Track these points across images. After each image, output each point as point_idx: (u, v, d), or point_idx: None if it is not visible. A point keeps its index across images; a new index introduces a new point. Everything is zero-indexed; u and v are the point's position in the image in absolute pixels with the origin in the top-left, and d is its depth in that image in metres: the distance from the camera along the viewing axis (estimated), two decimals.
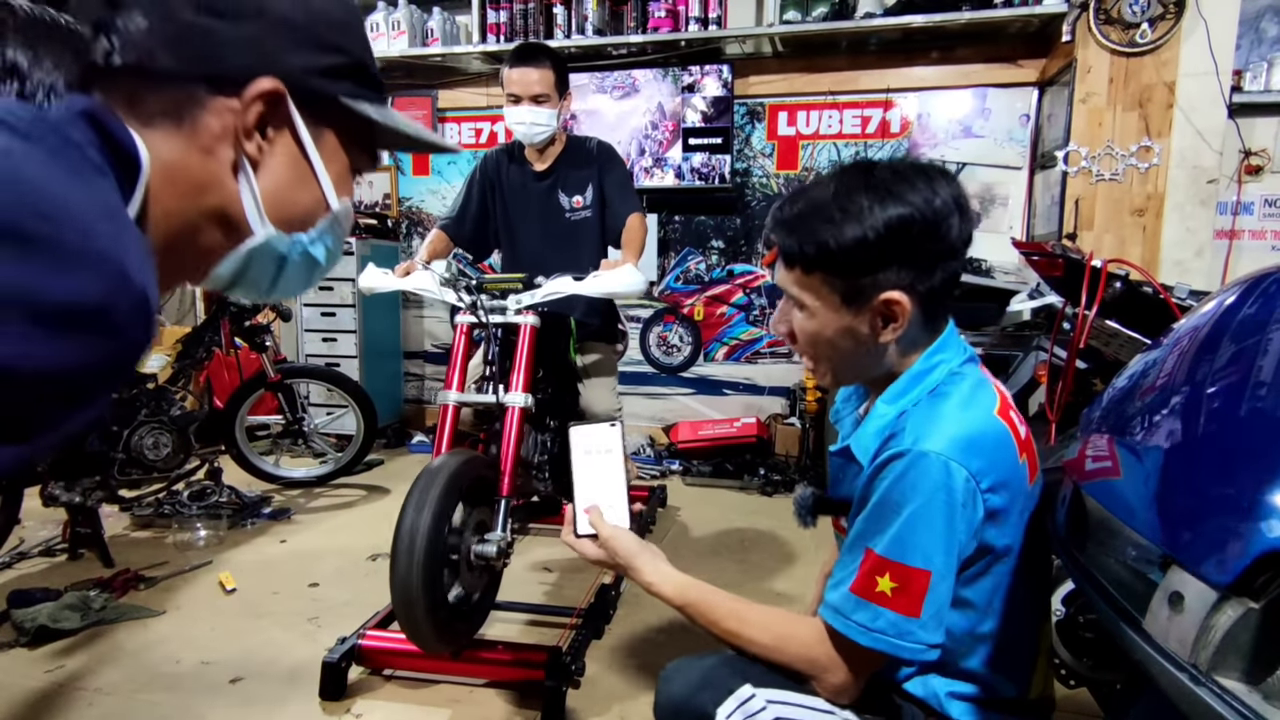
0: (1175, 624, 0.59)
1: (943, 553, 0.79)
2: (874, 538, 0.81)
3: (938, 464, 0.78)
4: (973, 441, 0.81)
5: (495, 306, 1.95)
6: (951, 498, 0.78)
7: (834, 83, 3.63)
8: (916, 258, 0.82)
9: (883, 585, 0.79)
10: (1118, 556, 0.76)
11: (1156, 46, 2.92)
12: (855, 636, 0.81)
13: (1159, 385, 0.80)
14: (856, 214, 0.80)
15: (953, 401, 0.84)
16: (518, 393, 1.89)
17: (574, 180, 2.35)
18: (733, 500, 3.32)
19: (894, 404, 0.88)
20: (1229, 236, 3.20)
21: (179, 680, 1.83)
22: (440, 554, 1.57)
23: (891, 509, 0.80)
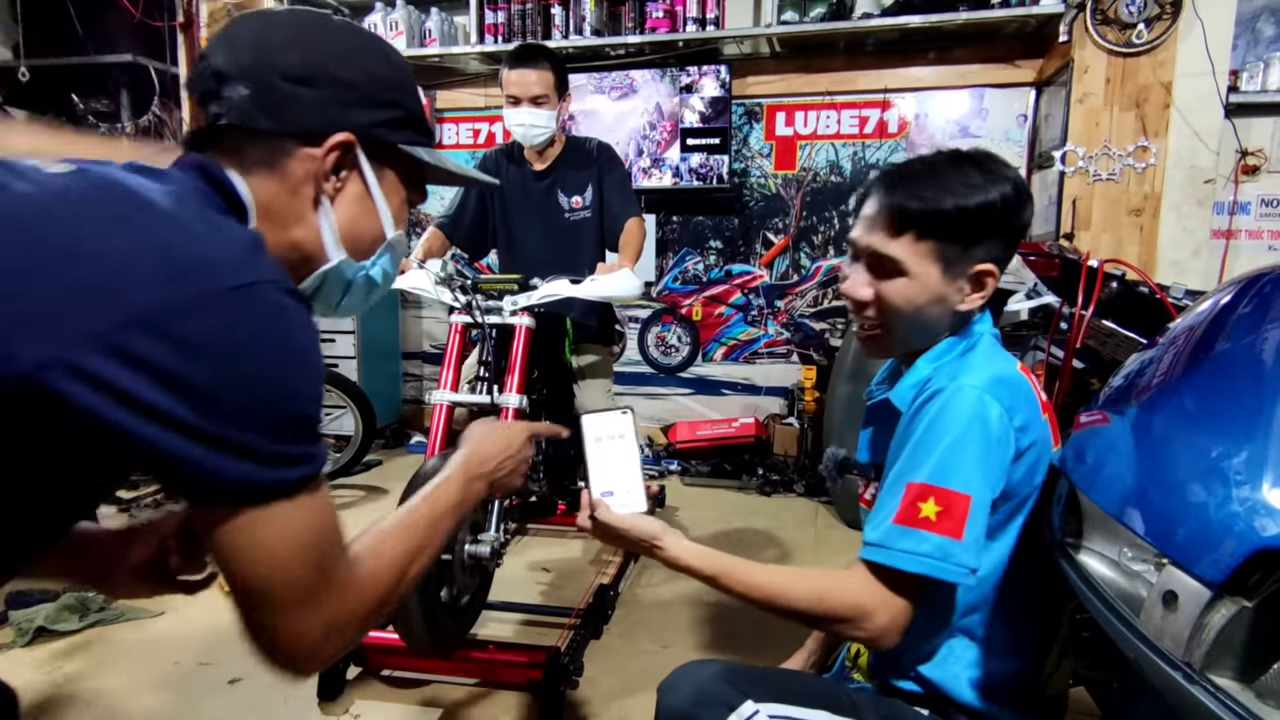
0: (1169, 623, 0.59)
1: (981, 481, 0.82)
2: (914, 471, 0.84)
3: (973, 395, 0.83)
4: (1002, 381, 0.87)
5: (491, 307, 1.95)
6: (987, 428, 0.83)
7: (832, 83, 3.63)
8: (1008, 233, 0.91)
9: (926, 510, 0.81)
10: (1113, 555, 0.76)
11: (1153, 47, 2.92)
12: (900, 564, 0.82)
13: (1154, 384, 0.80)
14: (977, 187, 0.88)
15: (980, 354, 0.92)
16: (512, 394, 1.89)
17: (573, 180, 2.35)
18: (731, 500, 3.33)
19: (933, 362, 0.94)
20: (1226, 236, 3.21)
21: (178, 681, 1.83)
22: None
23: (932, 440, 0.83)
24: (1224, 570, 0.56)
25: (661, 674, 0.95)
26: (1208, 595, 0.57)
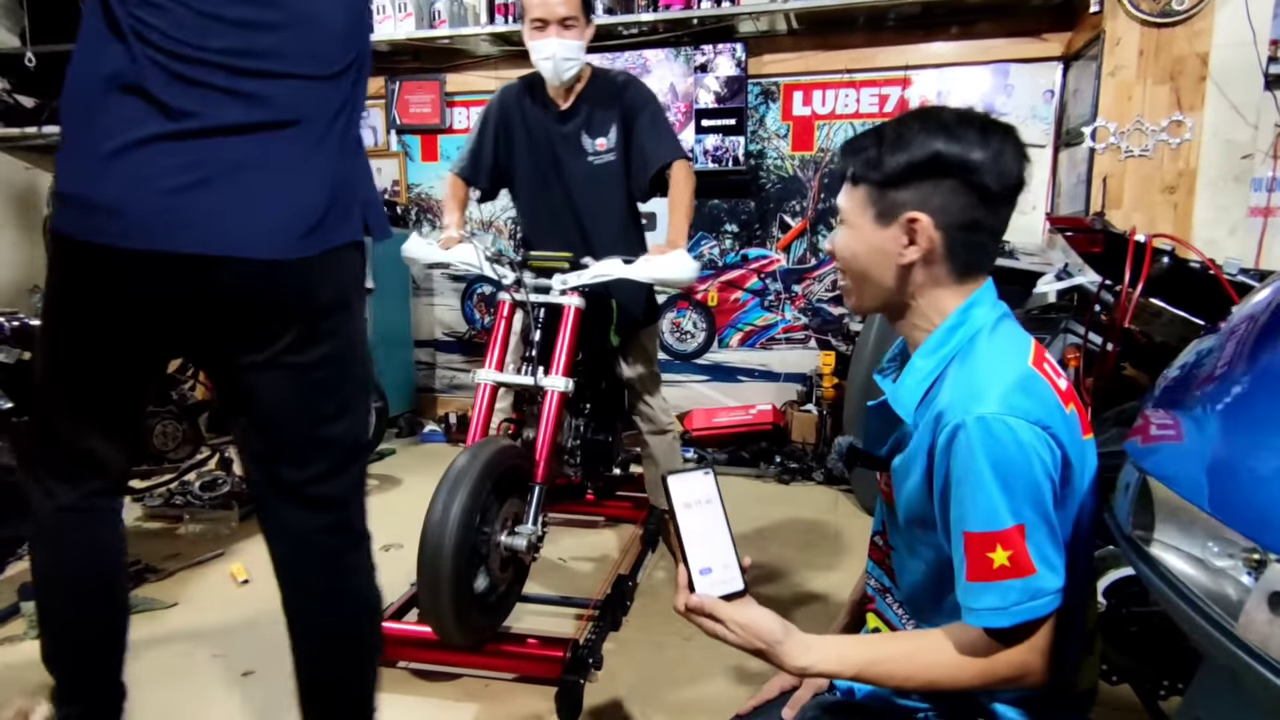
0: (1278, 628, 0.53)
1: (1029, 501, 0.78)
2: (966, 519, 0.80)
3: (999, 426, 0.78)
4: (1019, 391, 0.81)
5: (540, 285, 1.88)
6: (1023, 449, 0.78)
7: (850, 60, 3.53)
8: (944, 190, 0.87)
9: (998, 559, 0.78)
10: (1193, 550, 0.70)
11: (1189, 16, 2.80)
12: (997, 622, 0.79)
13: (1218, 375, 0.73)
14: (907, 139, 0.87)
15: (982, 363, 0.85)
16: (558, 376, 1.83)
17: (598, 120, 2.09)
18: (749, 489, 3.27)
19: (930, 357, 0.90)
20: (1264, 214, 3.08)
21: (191, 673, 1.80)
22: (470, 545, 1.52)
23: (967, 484, 0.79)
24: None
25: (681, 666, 0.89)
26: None
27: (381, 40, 3.83)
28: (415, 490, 3.16)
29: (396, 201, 4.18)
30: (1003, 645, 0.80)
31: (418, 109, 4.10)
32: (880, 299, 0.94)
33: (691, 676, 1.78)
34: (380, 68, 4.12)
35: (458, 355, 4.30)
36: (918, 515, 0.89)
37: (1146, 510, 0.76)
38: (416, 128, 4.14)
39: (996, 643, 0.80)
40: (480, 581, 1.60)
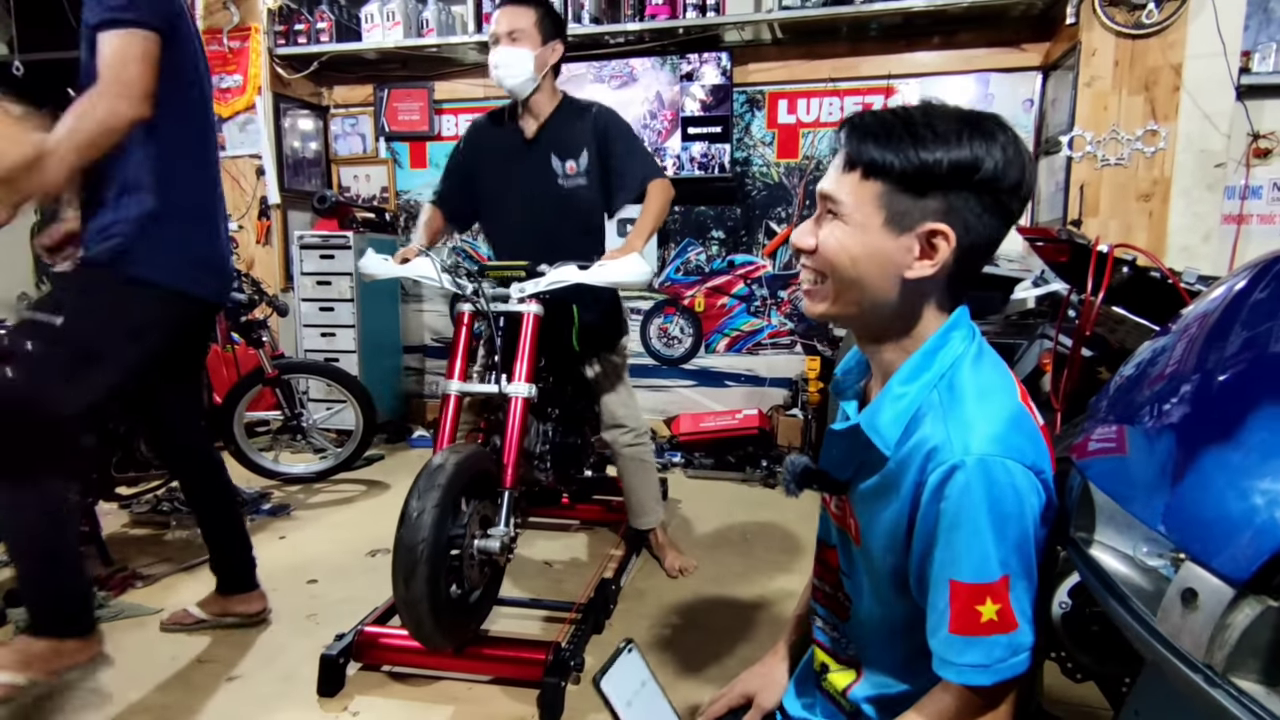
0: (1189, 622, 0.56)
1: (1017, 552, 0.74)
2: (955, 567, 0.75)
3: (997, 467, 0.73)
4: (1017, 431, 0.76)
5: (498, 294, 1.91)
6: (1019, 497, 0.74)
7: (834, 69, 3.58)
8: (975, 202, 0.76)
9: (986, 613, 0.74)
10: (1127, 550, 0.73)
11: (1163, 28, 2.87)
12: (979, 680, 0.75)
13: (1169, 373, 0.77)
14: (943, 135, 0.75)
15: (975, 393, 0.79)
16: (521, 383, 1.86)
17: (566, 143, 2.13)
18: (735, 493, 3.30)
19: (910, 383, 0.82)
20: (1237, 221, 3.15)
21: (176, 679, 1.81)
22: (444, 550, 1.54)
23: (962, 530, 0.74)
24: (1247, 567, 0.53)
25: (661, 669, 0.93)
26: (1230, 594, 0.54)
27: (370, 48, 3.87)
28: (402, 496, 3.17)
29: (385, 208, 4.21)
30: (982, 705, 0.77)
31: (406, 116, 4.13)
32: (861, 309, 0.82)
33: (672, 679, 1.81)
34: (369, 75, 4.16)
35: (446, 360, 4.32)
36: (888, 549, 0.85)
37: (1088, 513, 0.80)
38: (405, 135, 4.17)
39: (977, 702, 0.77)
40: (456, 584, 1.62)
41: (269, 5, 3.88)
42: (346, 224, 3.89)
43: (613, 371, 2.33)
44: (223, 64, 3.94)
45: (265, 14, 3.88)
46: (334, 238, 3.80)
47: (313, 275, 3.83)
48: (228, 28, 3.89)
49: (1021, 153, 0.78)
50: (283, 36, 3.93)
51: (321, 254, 3.81)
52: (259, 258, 4.07)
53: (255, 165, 4.00)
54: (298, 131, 4.14)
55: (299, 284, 3.85)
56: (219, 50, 3.93)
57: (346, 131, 4.29)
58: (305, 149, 4.20)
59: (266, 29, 3.89)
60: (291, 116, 4.09)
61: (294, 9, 3.94)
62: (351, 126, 4.28)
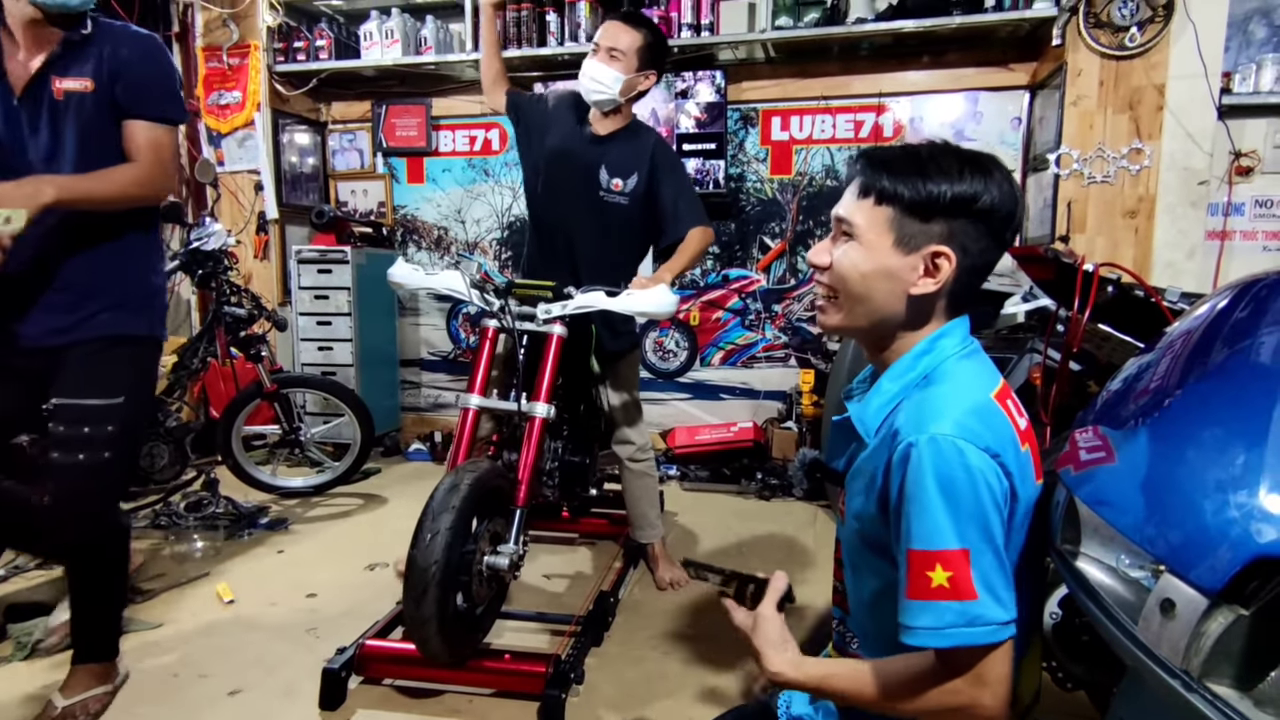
0: (1167, 630, 0.59)
1: (975, 526, 0.78)
2: (910, 537, 0.80)
3: (948, 446, 0.79)
4: (974, 415, 0.82)
5: (524, 313, 1.94)
6: (970, 474, 0.78)
7: (826, 88, 3.64)
8: (973, 229, 0.86)
9: (937, 579, 0.77)
10: (1110, 562, 0.77)
11: (1146, 49, 2.94)
12: (930, 642, 0.78)
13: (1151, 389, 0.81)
14: (947, 170, 0.86)
15: (944, 387, 0.86)
16: (541, 403, 1.89)
17: (620, 162, 2.18)
18: (730, 505, 3.33)
19: (896, 380, 0.91)
20: (1220, 237, 3.22)
21: (177, 694, 1.82)
22: (455, 570, 1.57)
23: (915, 501, 0.79)
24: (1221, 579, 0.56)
25: (661, 681, 0.95)
26: (1204, 603, 0.57)
27: (369, 65, 3.91)
28: (400, 509, 3.20)
29: (383, 223, 4.24)
30: (946, 672, 0.79)
31: (404, 132, 4.17)
32: (871, 322, 0.92)
33: (671, 690, 1.83)
34: (368, 92, 4.20)
35: (443, 374, 4.35)
36: (868, 533, 0.91)
37: (1073, 525, 0.83)
38: (403, 150, 4.21)
39: (941, 668, 0.80)
40: (463, 599, 1.64)
41: (268, 23, 3.93)
42: (344, 239, 3.92)
43: (625, 384, 2.36)
44: (222, 81, 3.98)
45: (265, 32, 3.92)
46: (332, 252, 3.83)
47: (310, 289, 3.85)
48: (227, 45, 3.93)
49: (1014, 188, 0.88)
50: (282, 54, 3.97)
51: (319, 268, 3.83)
52: (257, 272, 4.09)
53: (254, 180, 4.03)
54: (296, 147, 4.18)
55: (296, 298, 3.87)
56: (219, 67, 3.96)
57: (344, 147, 4.33)
58: (303, 164, 4.23)
59: (266, 46, 3.93)
60: (290, 132, 4.12)
61: (293, 27, 3.99)
62: (349, 142, 4.31)
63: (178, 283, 4.14)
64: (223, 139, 4.03)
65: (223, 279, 2.97)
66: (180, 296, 4.31)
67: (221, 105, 4.00)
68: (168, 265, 2.98)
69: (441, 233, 4.24)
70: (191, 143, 4.12)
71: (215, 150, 4.06)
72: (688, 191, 2.23)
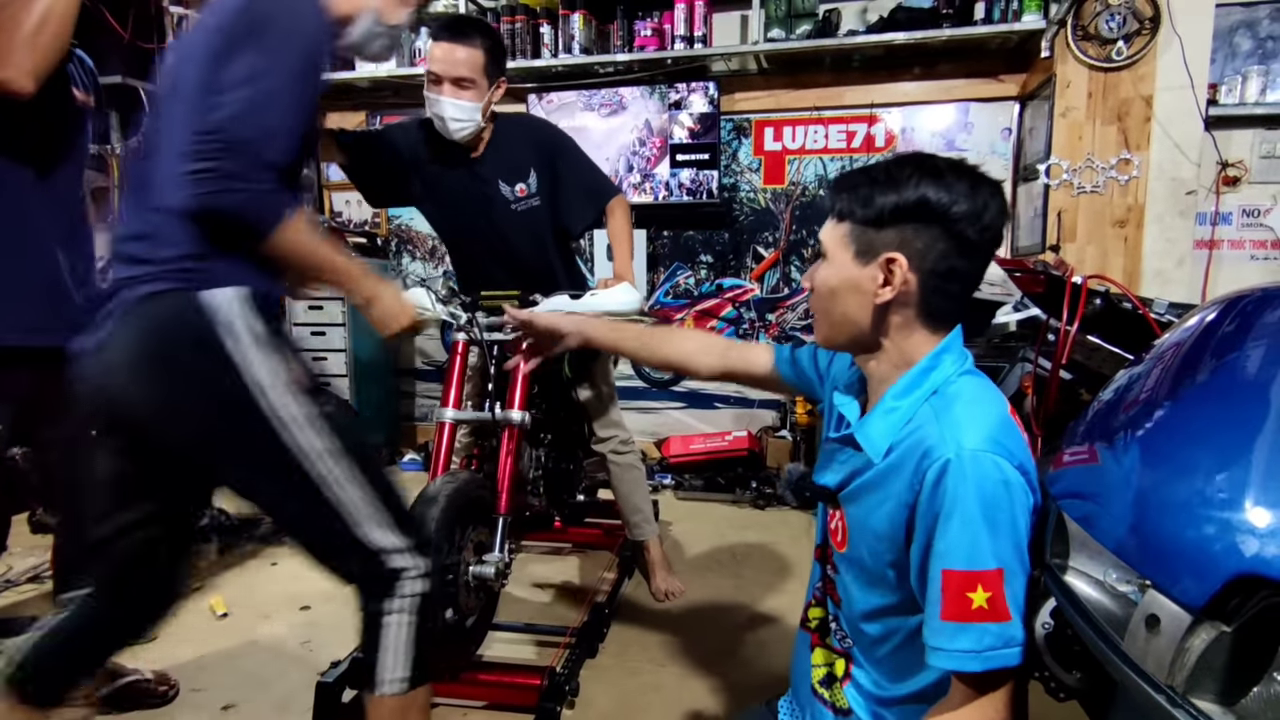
0: (1152, 646, 0.60)
1: (1010, 545, 0.78)
2: (950, 556, 0.79)
3: (989, 463, 0.79)
4: (1006, 434, 0.82)
5: (492, 323, 1.95)
6: (1011, 494, 0.79)
7: (819, 99, 3.67)
8: (926, 235, 0.87)
9: (977, 600, 0.77)
10: (1098, 576, 0.78)
11: (1133, 61, 2.97)
12: (969, 666, 0.78)
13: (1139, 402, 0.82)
14: (898, 181, 0.88)
15: (966, 400, 0.86)
16: (515, 410, 1.90)
17: (510, 167, 2.05)
18: (725, 514, 3.33)
19: (903, 398, 0.90)
20: (1208, 246, 3.25)
21: (169, 709, 1.81)
22: (440, 578, 1.57)
23: (955, 520, 0.79)
24: (1204, 595, 0.57)
25: (657, 692, 0.96)
26: (1188, 619, 0.58)
27: (363, 77, 3.92)
28: None
29: (376, 233, 4.24)
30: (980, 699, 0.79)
31: None
32: (850, 334, 0.95)
33: (667, 703, 1.83)
34: (362, 103, 4.21)
35: (437, 384, 4.34)
36: (877, 551, 0.90)
37: (1062, 539, 0.84)
38: None
39: (973, 695, 0.79)
40: (452, 611, 1.64)
41: None
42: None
43: (598, 381, 2.37)
44: None
45: None
46: None
47: (304, 300, 3.85)
48: None
49: (976, 190, 0.88)
50: None
51: None
52: None
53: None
54: None
55: (291, 309, 3.87)
56: None
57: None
58: None
59: None
60: None
61: None
62: None
63: None
64: None
65: None
66: None
67: None
68: None
69: (436, 243, 4.25)
70: None
71: None
72: (585, 167, 2.13)
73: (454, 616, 1.65)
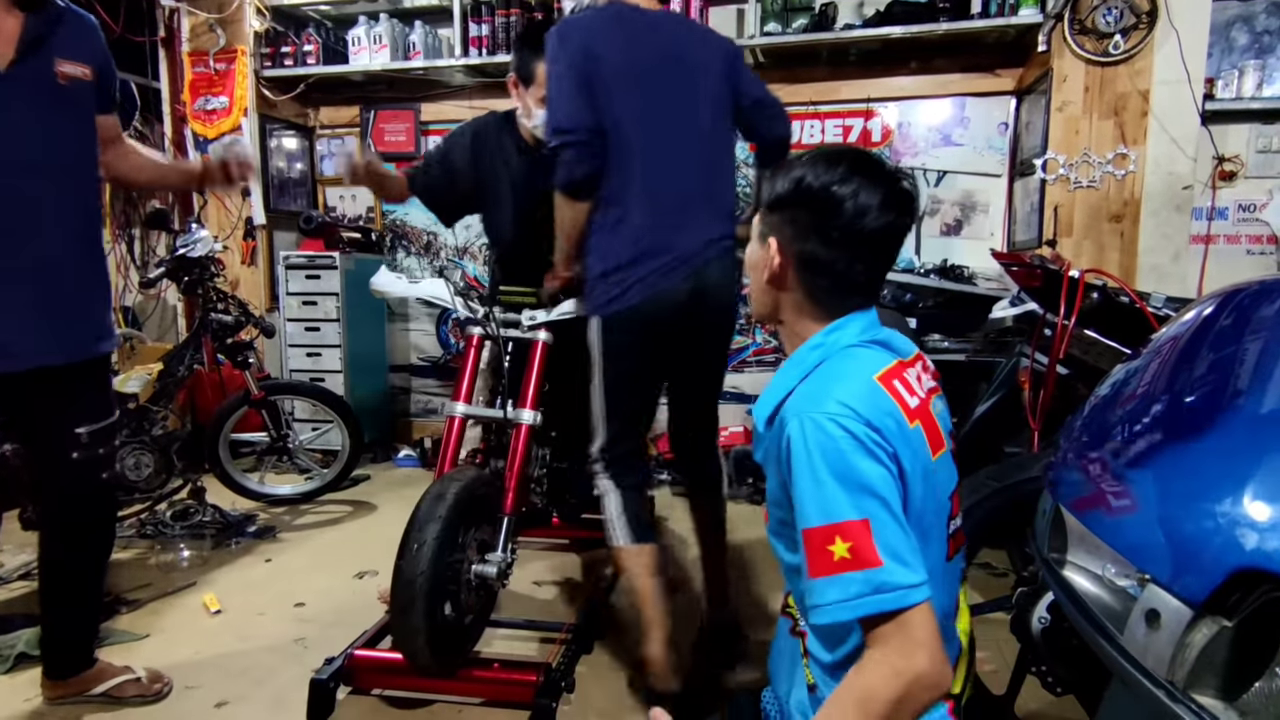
0: (1152, 641, 0.60)
1: (867, 495, 0.79)
2: (804, 517, 0.81)
3: (825, 421, 0.82)
4: (855, 396, 0.84)
5: (508, 319, 1.93)
6: (854, 445, 0.81)
7: (815, 93, 3.66)
8: (795, 220, 0.92)
9: (838, 552, 0.78)
10: (1097, 570, 0.77)
11: (1130, 56, 2.97)
12: (841, 615, 0.78)
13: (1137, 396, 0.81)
14: (786, 169, 0.94)
15: (827, 372, 0.90)
16: (527, 409, 1.88)
17: None
18: None
19: (789, 372, 0.95)
20: (1204, 241, 3.25)
21: (163, 706, 1.80)
22: (442, 580, 1.56)
23: (805, 480, 0.81)
24: (1204, 590, 0.57)
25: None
26: (1189, 615, 0.57)
27: (357, 70, 3.89)
28: (389, 517, 3.17)
29: (371, 228, 4.22)
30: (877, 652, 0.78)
31: (392, 137, 4.16)
32: (761, 310, 1.02)
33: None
34: (356, 97, 4.18)
35: (432, 380, 4.33)
36: (780, 516, 0.94)
37: (1060, 534, 0.84)
38: (391, 156, 4.19)
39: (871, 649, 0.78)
40: (452, 607, 1.64)
41: (255, 28, 3.91)
42: (332, 244, 3.90)
43: None
44: (208, 86, 3.95)
45: (251, 37, 3.90)
46: (320, 258, 3.80)
47: (298, 295, 3.83)
48: (214, 50, 3.91)
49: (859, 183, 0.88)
50: (269, 59, 3.95)
51: (307, 274, 3.81)
52: (244, 278, 4.06)
53: (241, 186, 4.00)
54: (283, 152, 4.16)
55: (284, 304, 3.85)
56: (205, 72, 3.94)
57: (333, 152, 4.31)
58: (291, 169, 4.21)
59: (253, 51, 3.91)
60: (277, 137, 4.10)
61: (281, 32, 3.97)
62: (338, 147, 4.30)
63: (164, 289, 4.11)
64: (209, 144, 4.01)
65: (209, 286, 2.95)
66: (167, 303, 4.28)
67: (208, 110, 3.98)
68: (154, 272, 2.96)
69: (431, 238, 4.23)
70: (178, 148, 4.09)
71: (202, 156, 4.03)
72: None
73: (453, 614, 1.65)
